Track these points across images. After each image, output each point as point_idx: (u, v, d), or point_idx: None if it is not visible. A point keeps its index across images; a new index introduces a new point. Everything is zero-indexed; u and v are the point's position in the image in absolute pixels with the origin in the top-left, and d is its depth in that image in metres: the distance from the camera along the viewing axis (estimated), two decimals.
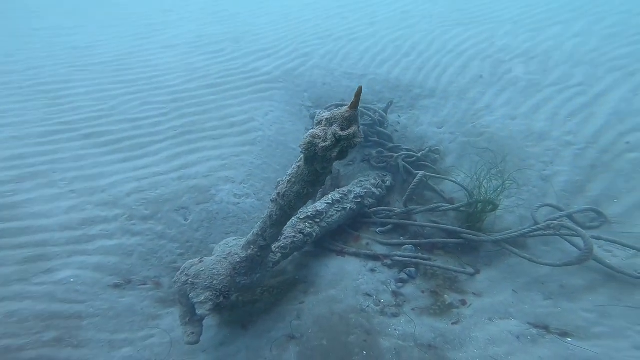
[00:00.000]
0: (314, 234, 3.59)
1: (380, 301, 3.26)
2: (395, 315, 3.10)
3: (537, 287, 3.35)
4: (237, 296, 3.09)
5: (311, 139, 2.23)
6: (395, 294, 3.33)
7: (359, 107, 2.21)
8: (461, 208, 4.03)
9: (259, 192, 4.32)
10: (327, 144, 2.18)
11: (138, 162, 4.38)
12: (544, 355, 2.67)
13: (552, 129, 5.34)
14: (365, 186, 4.30)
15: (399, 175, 4.70)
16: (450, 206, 4.07)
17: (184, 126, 5.03)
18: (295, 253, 3.62)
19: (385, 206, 4.37)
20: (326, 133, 2.21)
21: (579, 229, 3.24)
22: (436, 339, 2.85)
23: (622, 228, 3.79)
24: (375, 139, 5.13)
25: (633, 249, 3.42)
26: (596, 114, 5.69)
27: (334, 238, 4.03)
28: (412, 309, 3.20)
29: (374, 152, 4.99)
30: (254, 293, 3.34)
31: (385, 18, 9.20)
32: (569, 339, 2.82)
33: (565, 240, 3.59)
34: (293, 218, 3.52)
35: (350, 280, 3.45)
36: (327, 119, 2.26)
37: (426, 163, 4.75)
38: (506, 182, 3.96)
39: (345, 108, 2.21)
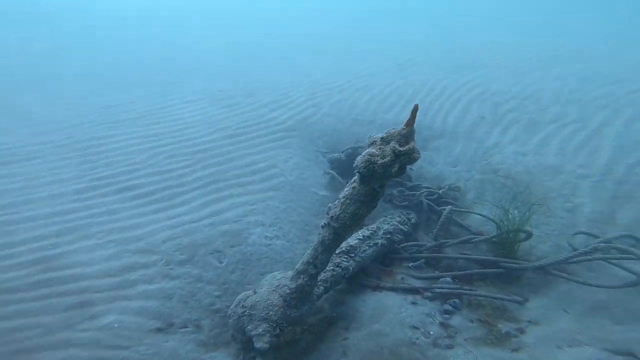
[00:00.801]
0: (350, 268, 3.34)
1: (429, 333, 2.92)
2: (449, 347, 2.75)
3: (600, 313, 3.03)
4: (279, 335, 2.77)
5: (369, 157, 2.18)
6: (443, 325, 3.00)
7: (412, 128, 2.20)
8: (493, 239, 3.80)
9: (287, 234, 4.16)
10: (386, 160, 2.15)
11: (170, 212, 4.28)
12: None
13: (564, 163, 5.28)
14: (392, 223, 4.10)
15: (423, 213, 4.52)
16: (483, 237, 3.85)
17: (209, 176, 4.96)
18: (330, 291, 3.33)
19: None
20: (384, 151, 2.18)
21: (634, 249, 3.01)
22: None
23: None
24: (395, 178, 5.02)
25: None
26: (601, 147, 5.69)
27: (366, 274, 3.75)
28: (465, 340, 2.85)
29: (394, 191, 4.85)
30: (294, 332, 3.02)
31: (384, 70, 9.59)
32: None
33: (612, 264, 3.33)
34: None
35: (393, 314, 3.13)
36: (382, 138, 2.26)
37: (448, 200, 4.59)
38: (533, 210, 3.76)
39: (401, 126, 2.21)
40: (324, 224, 2.58)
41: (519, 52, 10.99)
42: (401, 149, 2.16)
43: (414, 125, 2.18)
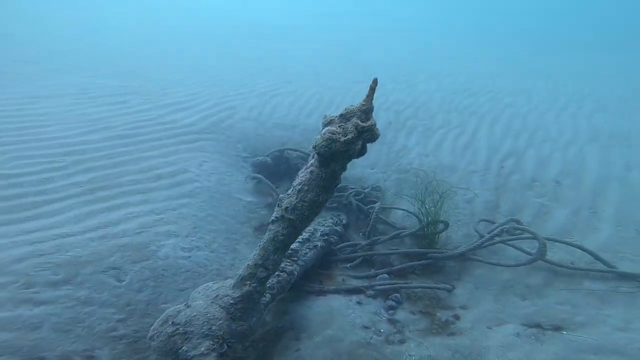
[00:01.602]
0: (295, 273, 3.12)
1: (380, 331, 2.87)
2: (402, 342, 2.74)
3: (509, 291, 3.36)
4: (226, 354, 2.39)
5: (330, 135, 1.98)
6: (390, 321, 2.99)
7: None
8: (418, 232, 3.97)
9: (210, 244, 3.69)
10: (349, 137, 1.97)
11: (27, 225, 3.39)
12: (556, 350, 2.58)
13: (456, 162, 5.86)
14: (327, 224, 4.00)
15: (352, 213, 4.51)
16: (409, 231, 4.00)
17: (92, 182, 4.15)
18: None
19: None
20: (345, 128, 2.00)
21: (534, 230, 3.41)
22: (455, 356, 2.56)
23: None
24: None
25: (572, 246, 3.69)
26: (479, 147, 6.46)
27: (307, 279, 3.55)
28: (412, 332, 2.88)
29: None
30: (235, 350, 2.62)
31: (301, 77, 9.53)
32: (564, 332, 2.80)
33: (509, 245, 3.74)
34: None
35: (342, 317, 3.01)
36: (341, 115, 2.07)
37: (372, 199, 4.68)
38: (443, 202, 4.03)
39: (360, 102, 2.07)
40: (275, 218, 2.26)
41: (406, 67, 12.05)
42: (364, 124, 2.01)
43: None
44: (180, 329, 2.09)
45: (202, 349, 2.01)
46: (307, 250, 3.46)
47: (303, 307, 3.20)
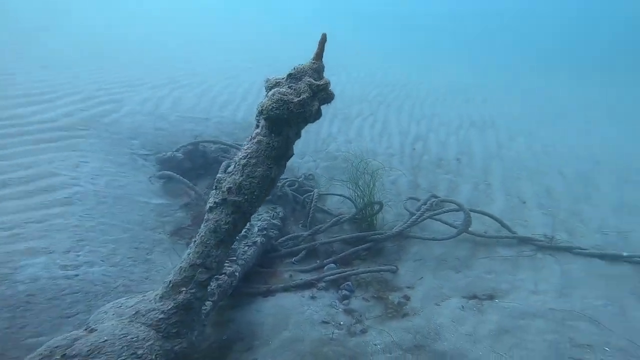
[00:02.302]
0: (236, 274, 2.70)
1: (340, 324, 2.69)
2: (364, 332, 2.61)
3: (444, 265, 3.49)
4: None
5: (281, 97, 1.70)
6: (347, 311, 2.83)
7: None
8: (357, 216, 3.90)
9: (109, 257, 2.98)
10: (304, 97, 1.71)
11: None
12: (496, 319, 2.72)
13: (376, 146, 5.98)
14: (264, 218, 3.64)
15: (288, 205, 4.21)
16: (349, 216, 3.89)
17: None
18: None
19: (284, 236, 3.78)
20: (298, 88, 1.74)
21: (460, 202, 3.58)
22: (416, 337, 2.51)
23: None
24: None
25: (486, 215, 4.00)
26: (392, 133, 6.71)
27: (248, 281, 3.17)
28: (370, 319, 2.77)
29: None
30: None
31: (209, 70, 8.63)
32: (497, 300, 2.98)
33: (437, 220, 3.91)
34: None
35: (298, 315, 2.75)
36: (289, 75, 1.79)
37: (306, 188, 4.44)
38: (373, 183, 4.02)
39: (309, 61, 1.81)
40: (214, 203, 1.81)
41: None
42: (318, 83, 1.76)
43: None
44: None
45: None
46: (246, 248, 3.06)
47: (250, 312, 2.83)
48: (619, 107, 12.09)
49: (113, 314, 1.81)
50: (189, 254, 1.86)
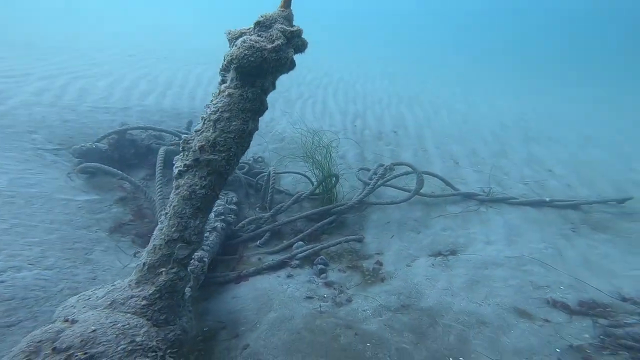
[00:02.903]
0: (205, 259, 2.42)
1: (324, 297, 2.57)
2: (350, 300, 2.51)
3: (405, 228, 3.54)
4: None
5: (252, 44, 1.49)
6: (327, 284, 2.71)
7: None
8: (315, 191, 3.76)
9: (40, 261, 2.49)
10: (278, 42, 1.51)
11: None
12: (464, 272, 2.83)
13: (321, 124, 5.89)
14: (218, 203, 3.31)
15: (241, 189, 3.91)
16: (307, 192, 3.74)
17: None
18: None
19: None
20: (270, 34, 1.54)
21: (411, 164, 3.66)
22: (400, 298, 2.49)
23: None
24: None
25: (433, 176, 4.13)
26: (333, 112, 6.66)
27: (216, 270, 2.88)
28: (351, 288, 2.68)
29: None
30: None
31: (111, 61, 7.53)
32: (459, 254, 3.09)
33: (389, 186, 3.97)
34: None
35: (280, 294, 2.56)
36: (257, 23, 1.58)
37: (257, 171, 4.16)
38: (331, 157, 3.93)
39: (277, 9, 1.62)
40: (185, 167, 1.54)
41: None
42: (292, 29, 1.57)
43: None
44: (79, 354, 1.21)
45: None
46: (208, 234, 2.75)
47: (226, 300, 2.57)
48: (517, 81, 13.76)
49: (84, 307, 1.48)
50: (162, 230, 1.54)
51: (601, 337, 2.17)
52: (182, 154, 1.57)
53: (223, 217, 3.11)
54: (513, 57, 20.07)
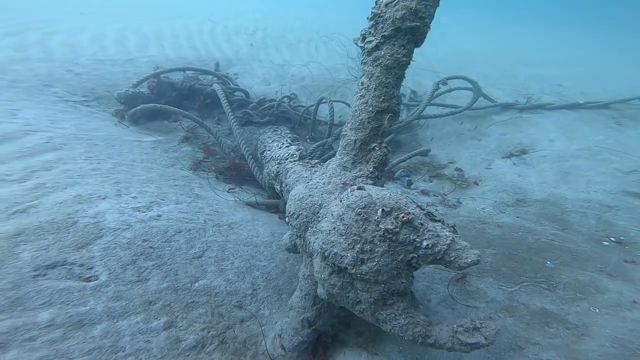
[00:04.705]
0: None
1: (428, 203, 2.15)
2: (460, 202, 2.14)
3: (463, 138, 3.21)
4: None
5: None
6: (424, 192, 2.30)
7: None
8: None
9: (165, 196, 2.04)
10: None
11: None
12: (548, 166, 2.56)
13: (335, 65, 5.12)
14: (286, 132, 2.84)
15: (287, 123, 3.32)
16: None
17: None
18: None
19: None
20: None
21: (469, 77, 3.17)
22: (510, 194, 2.13)
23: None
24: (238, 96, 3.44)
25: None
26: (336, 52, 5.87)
27: None
28: (450, 194, 2.28)
29: (240, 114, 3.29)
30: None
31: (67, 18, 6.26)
32: (531, 152, 2.78)
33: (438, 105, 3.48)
34: None
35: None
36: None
37: (297, 105, 3.57)
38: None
39: None
40: (382, 38, 1.28)
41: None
42: None
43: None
44: (401, 215, 1.03)
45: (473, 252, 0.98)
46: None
47: None
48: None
49: (321, 193, 1.30)
50: (367, 102, 1.30)
51: None
52: (373, 27, 1.32)
53: (298, 142, 2.60)
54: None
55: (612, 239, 1.66)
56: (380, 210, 1.04)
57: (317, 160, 1.87)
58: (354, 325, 1.37)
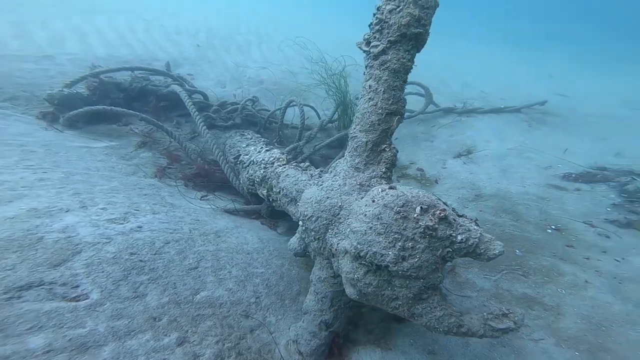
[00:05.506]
0: None
1: None
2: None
3: (418, 140, 3.47)
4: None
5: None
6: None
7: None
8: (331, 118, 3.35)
9: (138, 207, 1.84)
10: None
11: None
12: (490, 164, 2.88)
13: (294, 68, 5.13)
14: (258, 137, 2.77)
15: (251, 127, 3.23)
16: (327, 119, 3.30)
17: None
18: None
19: None
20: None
21: (421, 82, 3.44)
22: (468, 191, 2.38)
23: None
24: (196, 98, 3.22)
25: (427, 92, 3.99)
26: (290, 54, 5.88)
27: None
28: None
29: (203, 117, 3.11)
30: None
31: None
32: (476, 152, 3.14)
33: None
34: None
35: None
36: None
37: (261, 109, 3.50)
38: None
39: None
40: (388, 43, 1.33)
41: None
42: None
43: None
44: (437, 212, 1.09)
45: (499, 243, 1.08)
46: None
47: None
48: None
49: (339, 194, 1.35)
50: (376, 104, 1.35)
51: (622, 194, 2.40)
52: (378, 32, 1.36)
53: (272, 146, 2.55)
54: None
55: (552, 226, 2.00)
56: (418, 207, 1.08)
57: (308, 164, 1.87)
58: (362, 324, 1.42)
